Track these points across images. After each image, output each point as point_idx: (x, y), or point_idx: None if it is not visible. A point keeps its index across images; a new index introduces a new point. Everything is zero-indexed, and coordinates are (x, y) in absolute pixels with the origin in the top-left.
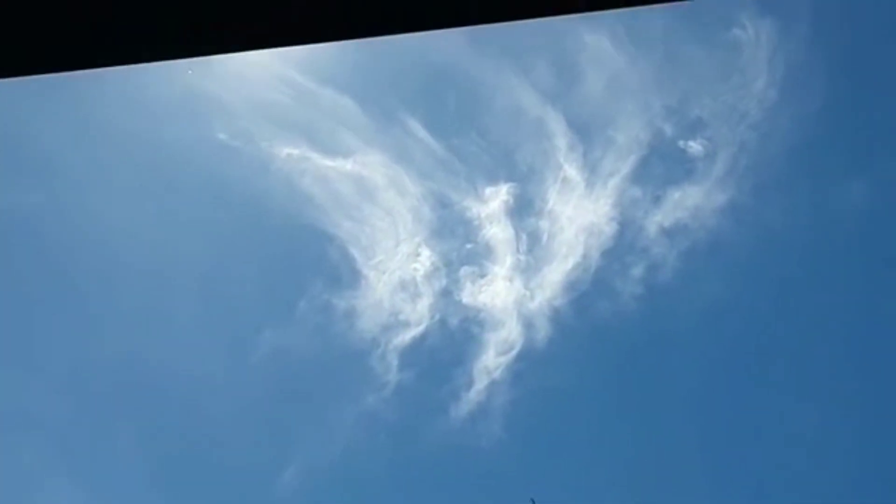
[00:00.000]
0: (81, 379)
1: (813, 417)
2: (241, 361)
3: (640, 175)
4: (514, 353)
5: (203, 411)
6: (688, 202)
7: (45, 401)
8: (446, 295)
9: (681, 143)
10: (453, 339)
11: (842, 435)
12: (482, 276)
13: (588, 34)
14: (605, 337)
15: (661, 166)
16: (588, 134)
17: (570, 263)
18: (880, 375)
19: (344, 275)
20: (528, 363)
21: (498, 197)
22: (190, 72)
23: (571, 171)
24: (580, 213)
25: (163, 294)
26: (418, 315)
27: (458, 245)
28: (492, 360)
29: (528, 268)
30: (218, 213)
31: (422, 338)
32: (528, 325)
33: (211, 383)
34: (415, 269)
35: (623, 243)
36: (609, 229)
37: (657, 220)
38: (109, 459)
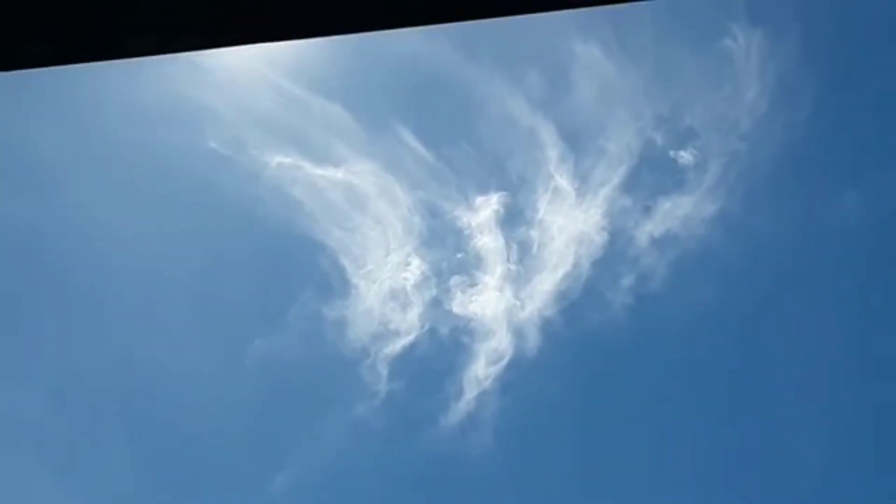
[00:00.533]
0: (74, 385)
1: (802, 423)
2: (232, 370)
3: (631, 185)
4: (504, 362)
5: (194, 418)
6: (678, 212)
7: (37, 406)
8: (436, 304)
9: (671, 153)
10: (443, 348)
11: (830, 438)
12: (472, 285)
13: (579, 44)
14: (595, 346)
15: (652, 176)
16: (579, 143)
17: (560, 273)
18: (869, 381)
19: (334, 284)
20: (518, 372)
21: (488, 206)
22: None
23: (562, 180)
24: (570, 223)
25: (154, 301)
26: (408, 324)
27: (449, 254)
28: (482, 370)
29: (519, 277)
30: (209, 221)
31: (412, 347)
32: (518, 334)
33: (202, 391)
34: (405, 279)
35: (613, 253)
36: (599, 239)
37: (647, 229)
38: (101, 465)
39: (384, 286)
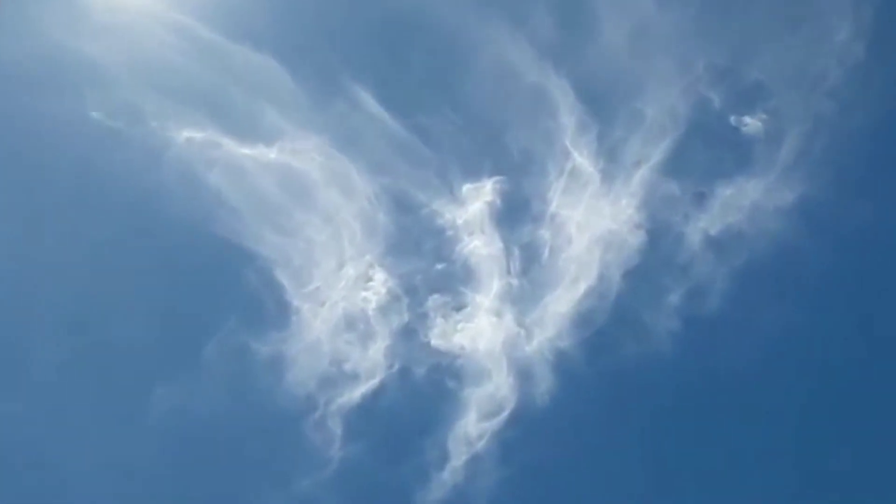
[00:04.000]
0: None
1: None
2: (127, 431)
3: (677, 164)
4: (503, 415)
5: (77, 499)
6: (743, 201)
7: None
8: (409, 335)
9: (733, 119)
10: (419, 396)
11: None
12: (459, 308)
13: None
14: (630, 391)
15: (706, 152)
16: (604, 107)
17: (580, 289)
18: None
19: (267, 307)
20: (523, 430)
21: (480, 197)
22: None
23: (582, 158)
24: (594, 219)
25: (20, 336)
26: (370, 363)
27: (426, 265)
28: (473, 427)
29: (523, 296)
30: (93, 221)
31: (375, 395)
32: (523, 375)
33: (85, 461)
34: (365, 300)
35: (654, 259)
36: (634, 240)
37: (701, 226)
38: None
39: (337, 310)
